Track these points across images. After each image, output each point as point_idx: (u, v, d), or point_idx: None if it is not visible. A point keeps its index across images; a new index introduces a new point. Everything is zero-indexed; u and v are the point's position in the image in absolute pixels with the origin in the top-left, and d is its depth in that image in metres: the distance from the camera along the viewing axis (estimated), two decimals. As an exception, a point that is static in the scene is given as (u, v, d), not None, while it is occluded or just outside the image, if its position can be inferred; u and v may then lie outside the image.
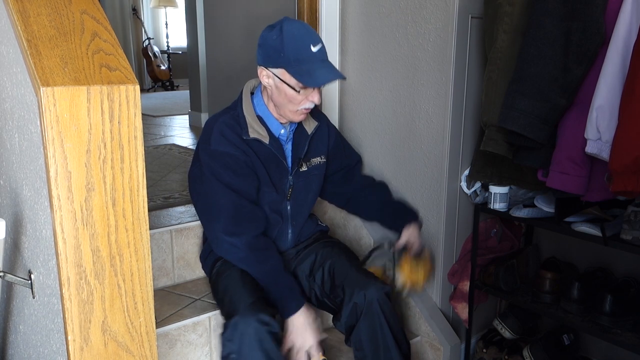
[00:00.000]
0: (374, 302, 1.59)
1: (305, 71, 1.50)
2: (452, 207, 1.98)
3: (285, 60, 1.50)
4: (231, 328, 1.44)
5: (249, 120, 1.62)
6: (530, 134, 1.54)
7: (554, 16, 1.48)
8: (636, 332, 1.66)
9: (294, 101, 1.56)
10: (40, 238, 1.08)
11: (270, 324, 1.45)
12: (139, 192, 0.98)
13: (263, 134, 1.63)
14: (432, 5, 1.86)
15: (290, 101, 1.56)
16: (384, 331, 1.61)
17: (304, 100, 1.56)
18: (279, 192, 1.69)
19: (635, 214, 1.55)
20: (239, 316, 1.44)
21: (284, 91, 1.55)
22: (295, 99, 1.55)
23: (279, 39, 1.50)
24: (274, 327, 1.46)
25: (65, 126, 0.89)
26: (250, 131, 1.61)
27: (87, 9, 1.05)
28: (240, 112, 1.63)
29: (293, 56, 1.50)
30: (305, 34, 1.52)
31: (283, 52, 1.50)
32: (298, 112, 1.59)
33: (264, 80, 1.57)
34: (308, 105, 1.58)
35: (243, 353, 1.43)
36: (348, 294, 1.61)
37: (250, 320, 1.43)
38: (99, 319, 0.99)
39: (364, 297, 1.59)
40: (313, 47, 1.50)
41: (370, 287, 1.60)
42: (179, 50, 6.90)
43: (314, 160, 1.76)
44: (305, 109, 1.59)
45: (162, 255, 1.86)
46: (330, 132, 1.83)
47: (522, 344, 2.06)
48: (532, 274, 2.05)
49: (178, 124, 4.27)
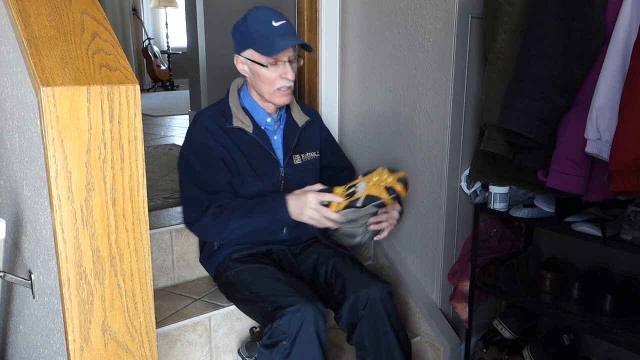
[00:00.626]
0: (376, 301, 1.60)
1: (268, 44, 1.57)
2: (452, 207, 1.98)
3: (251, 40, 1.59)
4: (289, 315, 1.44)
5: (234, 110, 1.68)
6: (530, 134, 1.54)
7: (554, 16, 1.48)
8: (636, 332, 1.66)
9: (269, 81, 1.61)
10: (41, 238, 1.08)
11: (325, 313, 1.49)
12: (139, 192, 0.98)
13: (247, 123, 1.67)
14: (432, 5, 1.86)
15: (265, 82, 1.62)
16: (387, 330, 1.61)
17: (278, 78, 1.61)
18: (266, 183, 1.69)
19: (635, 214, 1.55)
20: (300, 304, 1.45)
21: (257, 72, 1.61)
22: (268, 78, 1.61)
23: (245, 24, 1.60)
24: (327, 316, 1.51)
25: (65, 126, 0.89)
26: (234, 120, 1.66)
27: (87, 9, 1.05)
28: (226, 105, 1.70)
29: (257, 34, 1.57)
30: (268, 14, 1.59)
31: (248, 34, 1.59)
32: (277, 92, 1.63)
33: (240, 68, 1.65)
34: (283, 84, 1.62)
35: (300, 337, 1.43)
36: (350, 291, 1.61)
37: (310, 308, 1.45)
38: (99, 319, 0.99)
39: (366, 296, 1.59)
40: (275, 23, 1.57)
41: (372, 286, 1.61)
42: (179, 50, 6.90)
43: (309, 154, 1.78)
44: (282, 88, 1.63)
45: (162, 255, 1.86)
46: (322, 128, 1.87)
47: (522, 344, 2.06)
48: (532, 274, 2.05)
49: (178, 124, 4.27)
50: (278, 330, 1.43)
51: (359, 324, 1.61)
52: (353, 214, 1.52)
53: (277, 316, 1.44)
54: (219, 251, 1.73)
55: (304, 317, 1.43)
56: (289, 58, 1.61)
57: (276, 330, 1.44)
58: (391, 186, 1.49)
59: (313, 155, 1.80)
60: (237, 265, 1.66)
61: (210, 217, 1.59)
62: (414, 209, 2.06)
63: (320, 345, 1.46)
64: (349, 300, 1.61)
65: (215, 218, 1.59)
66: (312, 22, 2.19)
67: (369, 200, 1.49)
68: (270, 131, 1.72)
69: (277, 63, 1.60)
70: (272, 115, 1.73)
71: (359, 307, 1.60)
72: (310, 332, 1.44)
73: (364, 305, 1.60)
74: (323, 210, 1.52)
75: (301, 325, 1.43)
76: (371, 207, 1.50)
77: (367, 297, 1.59)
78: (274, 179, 1.71)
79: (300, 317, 1.43)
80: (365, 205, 1.50)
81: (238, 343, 1.80)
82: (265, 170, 1.69)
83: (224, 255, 1.71)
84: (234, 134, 1.66)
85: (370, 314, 1.60)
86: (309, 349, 1.44)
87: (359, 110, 2.20)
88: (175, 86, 6.90)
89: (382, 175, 1.52)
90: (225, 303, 1.75)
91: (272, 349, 1.44)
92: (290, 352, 1.43)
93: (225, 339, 1.78)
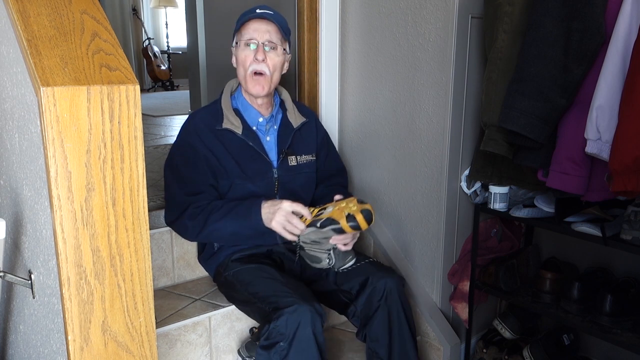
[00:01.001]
0: (394, 291, 1.61)
1: (241, 22, 1.66)
2: (452, 207, 1.98)
3: (235, 29, 1.68)
4: (286, 316, 1.43)
5: (225, 112, 1.70)
6: (530, 134, 1.54)
7: (554, 16, 1.48)
8: (636, 332, 1.66)
9: (244, 64, 1.65)
10: (41, 238, 1.08)
11: (322, 314, 1.48)
12: (139, 192, 0.98)
13: (236, 124, 1.69)
14: (432, 5, 1.86)
15: (241, 65, 1.65)
16: (401, 321, 1.62)
17: (248, 58, 1.63)
18: (258, 185, 1.69)
19: (635, 214, 1.55)
20: (297, 305, 1.45)
21: (236, 56, 1.67)
22: (240, 58, 1.65)
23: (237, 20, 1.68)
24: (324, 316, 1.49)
25: (65, 126, 0.89)
26: (224, 122, 1.68)
27: (87, 9, 1.05)
28: (218, 107, 1.72)
29: (239, 19, 1.67)
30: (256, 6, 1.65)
31: (236, 25, 1.68)
32: (250, 78, 1.65)
33: (233, 62, 1.70)
34: (254, 66, 1.64)
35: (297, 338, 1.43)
36: (369, 282, 1.62)
37: (307, 308, 1.44)
38: (99, 319, 0.99)
39: (383, 286, 1.60)
40: (259, 10, 1.64)
41: (389, 277, 1.63)
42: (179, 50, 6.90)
43: (305, 157, 1.78)
44: (254, 71, 1.64)
45: (162, 255, 1.86)
46: (318, 129, 1.87)
47: (522, 344, 2.06)
48: (532, 274, 2.05)
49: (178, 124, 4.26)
50: (275, 331, 1.43)
51: (375, 314, 1.62)
52: (314, 235, 1.56)
53: (275, 317, 1.44)
54: (219, 252, 1.73)
55: (301, 317, 1.43)
56: (263, 42, 1.64)
57: (273, 331, 1.43)
58: (352, 214, 1.50)
59: (309, 158, 1.79)
60: (237, 266, 1.66)
61: (187, 217, 1.61)
62: (414, 209, 2.06)
63: (317, 345, 1.45)
64: (365, 292, 1.62)
65: (192, 219, 1.60)
66: (312, 22, 2.19)
67: (327, 222, 1.52)
68: (262, 132, 1.72)
69: (250, 43, 1.64)
70: (265, 115, 1.73)
71: (376, 298, 1.61)
72: (307, 332, 1.43)
73: (380, 296, 1.61)
74: (291, 218, 1.53)
75: (298, 326, 1.42)
76: (329, 230, 1.52)
77: (384, 288, 1.60)
78: (266, 181, 1.70)
79: (297, 318, 1.42)
80: (323, 226, 1.53)
81: (238, 343, 1.80)
82: (257, 172, 1.69)
83: (224, 256, 1.71)
84: (223, 135, 1.67)
85: (387, 305, 1.61)
86: (306, 350, 1.44)
87: (359, 110, 2.20)
88: (175, 86, 6.90)
89: (350, 203, 1.55)
90: (225, 303, 1.75)
91: (269, 350, 1.44)
92: (288, 353, 1.42)
93: (225, 339, 1.78)
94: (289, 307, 1.43)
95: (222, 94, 1.75)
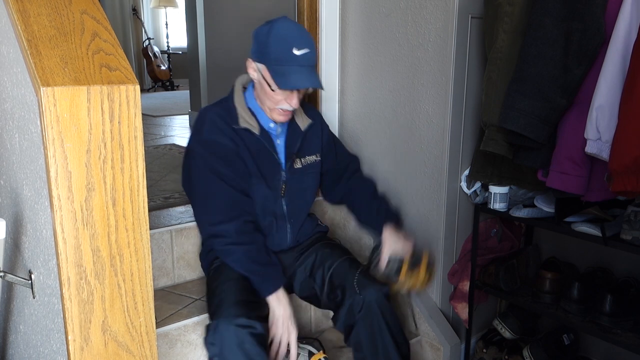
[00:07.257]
0: (372, 304, 1.59)
1: (281, 72, 1.52)
2: (452, 207, 1.98)
3: (267, 57, 1.53)
4: (212, 331, 1.44)
5: (240, 111, 1.64)
6: (530, 134, 1.54)
7: (554, 16, 1.48)
8: (636, 332, 1.66)
9: (273, 99, 1.58)
10: (41, 238, 1.08)
11: (252, 326, 1.44)
12: (139, 192, 0.98)
13: (253, 124, 1.65)
14: (432, 5, 1.86)
15: (269, 98, 1.59)
16: (383, 333, 1.61)
17: (282, 101, 1.58)
18: (270, 187, 1.68)
19: (635, 214, 1.55)
20: (219, 320, 1.44)
21: (264, 87, 1.58)
22: (273, 97, 1.57)
23: (267, 36, 1.52)
24: (257, 328, 1.45)
25: (65, 126, 0.89)
26: (240, 121, 1.63)
27: (87, 9, 1.05)
28: (231, 104, 1.66)
29: (274, 55, 1.52)
30: (293, 36, 1.52)
31: (267, 50, 1.52)
32: (276, 111, 1.61)
33: (250, 72, 1.61)
34: (286, 107, 1.59)
35: (224, 356, 1.43)
36: (347, 295, 1.62)
37: (229, 324, 1.43)
38: (99, 319, 0.99)
39: (362, 299, 1.59)
40: (296, 51, 1.50)
41: (368, 288, 1.60)
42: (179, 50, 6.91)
43: (309, 158, 1.76)
44: (283, 109, 1.60)
45: (162, 255, 1.86)
46: (323, 130, 1.84)
47: (522, 344, 2.06)
48: (532, 274, 2.05)
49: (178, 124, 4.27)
50: (208, 344, 1.46)
51: (356, 326, 1.61)
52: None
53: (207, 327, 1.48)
54: None
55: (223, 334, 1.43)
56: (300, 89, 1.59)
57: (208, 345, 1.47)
58: None
59: (313, 158, 1.77)
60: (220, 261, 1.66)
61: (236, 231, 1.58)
62: (414, 209, 2.06)
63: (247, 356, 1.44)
64: (345, 304, 1.62)
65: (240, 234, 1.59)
66: (312, 22, 2.19)
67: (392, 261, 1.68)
68: (273, 135, 1.70)
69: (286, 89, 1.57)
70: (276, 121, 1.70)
71: (355, 311, 1.60)
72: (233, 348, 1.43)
73: (359, 309, 1.60)
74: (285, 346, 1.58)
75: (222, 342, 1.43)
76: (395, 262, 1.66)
77: (362, 301, 1.59)
78: (275, 183, 1.70)
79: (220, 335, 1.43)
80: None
81: (238, 343, 1.80)
82: (269, 173, 1.68)
83: None
84: (241, 134, 1.63)
85: (367, 317, 1.60)
86: None
87: (359, 111, 2.20)
88: (175, 86, 6.91)
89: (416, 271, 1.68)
90: (225, 303, 1.75)
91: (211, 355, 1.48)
92: None
93: (225, 339, 1.78)
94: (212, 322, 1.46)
95: (234, 92, 1.68)
